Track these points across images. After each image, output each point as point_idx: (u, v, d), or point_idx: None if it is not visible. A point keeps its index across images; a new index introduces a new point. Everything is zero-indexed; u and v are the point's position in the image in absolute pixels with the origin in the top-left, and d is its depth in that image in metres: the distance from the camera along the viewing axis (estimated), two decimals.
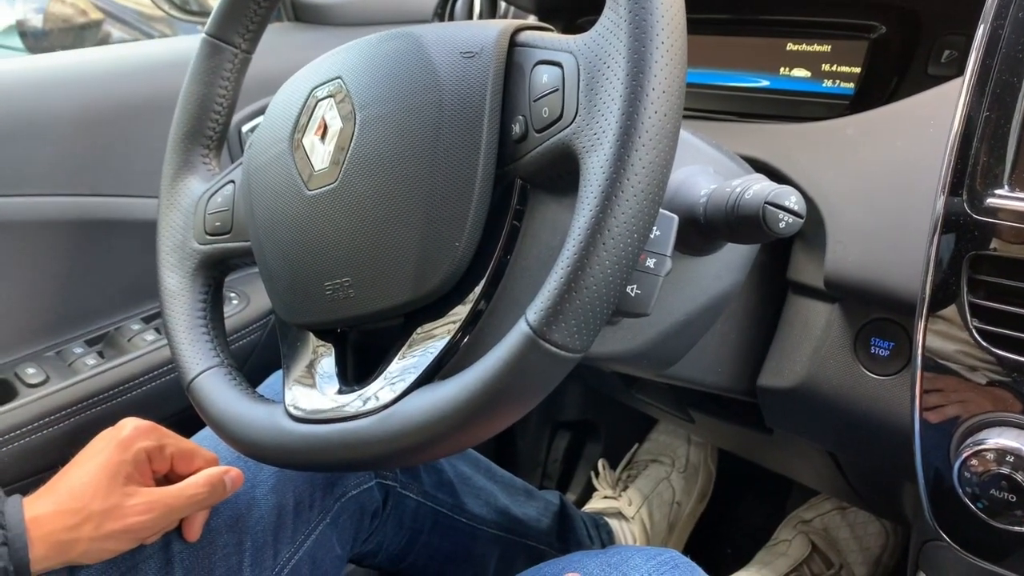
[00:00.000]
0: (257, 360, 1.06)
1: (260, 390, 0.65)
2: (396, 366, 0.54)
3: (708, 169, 0.62)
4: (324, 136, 0.58)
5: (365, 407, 0.53)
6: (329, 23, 1.27)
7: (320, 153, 0.57)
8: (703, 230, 0.58)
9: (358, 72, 0.57)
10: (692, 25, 0.47)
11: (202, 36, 0.70)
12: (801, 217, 0.54)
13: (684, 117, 0.46)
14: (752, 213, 0.53)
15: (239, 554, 0.73)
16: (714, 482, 1.33)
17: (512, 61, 0.52)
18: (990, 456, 0.54)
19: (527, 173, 0.52)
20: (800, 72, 0.77)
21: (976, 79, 0.55)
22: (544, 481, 1.44)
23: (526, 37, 0.53)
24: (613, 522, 1.20)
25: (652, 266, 0.52)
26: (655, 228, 0.52)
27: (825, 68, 0.75)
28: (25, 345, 0.96)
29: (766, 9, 0.79)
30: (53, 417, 0.89)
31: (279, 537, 0.76)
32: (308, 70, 0.62)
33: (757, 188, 0.54)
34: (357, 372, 0.60)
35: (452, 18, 1.08)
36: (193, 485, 0.67)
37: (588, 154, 0.46)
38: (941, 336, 0.57)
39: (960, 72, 0.56)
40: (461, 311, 0.53)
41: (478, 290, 0.53)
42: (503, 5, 1.06)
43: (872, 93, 0.73)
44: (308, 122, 0.59)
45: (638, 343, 0.64)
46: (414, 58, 0.55)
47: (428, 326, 0.55)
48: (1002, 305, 0.54)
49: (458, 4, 1.07)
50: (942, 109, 0.60)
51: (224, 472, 0.69)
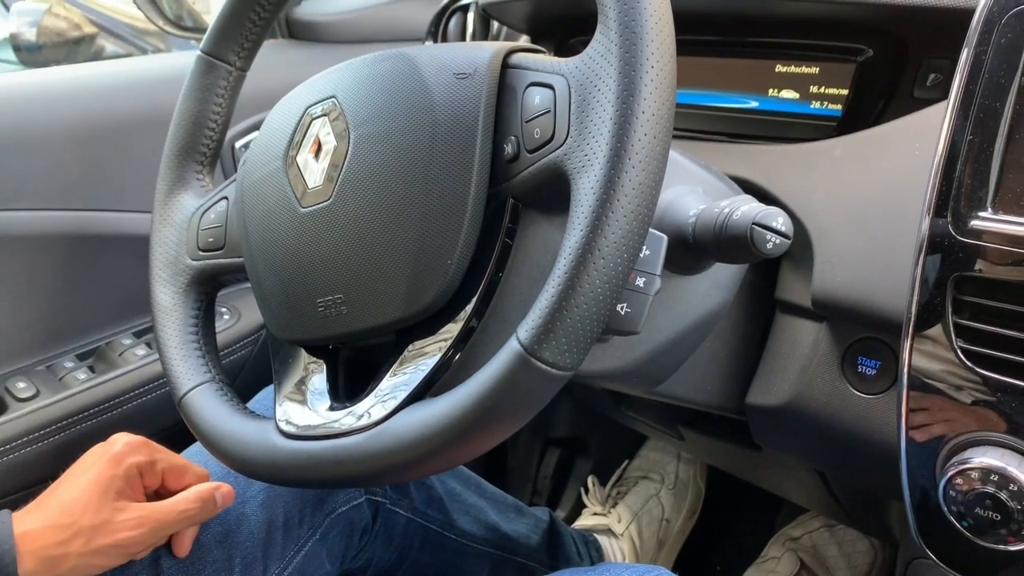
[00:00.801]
0: (248, 375, 1.06)
1: (250, 405, 0.65)
2: (387, 383, 0.54)
3: (697, 189, 0.63)
4: (318, 154, 0.58)
5: (356, 424, 0.53)
6: (323, 41, 1.28)
7: (314, 171, 0.58)
8: (692, 250, 0.58)
9: (352, 91, 0.58)
10: (682, 47, 0.48)
11: (197, 53, 0.71)
12: (788, 238, 0.54)
13: (674, 137, 0.46)
14: (740, 233, 0.54)
15: (228, 570, 0.73)
16: (703, 499, 1.33)
17: (505, 83, 0.53)
18: (975, 475, 0.55)
19: (519, 193, 0.53)
20: (788, 94, 0.78)
21: (960, 103, 0.55)
22: (534, 497, 1.44)
23: (518, 59, 0.53)
24: (602, 539, 1.19)
25: (642, 285, 0.53)
26: (645, 247, 0.52)
27: (813, 90, 0.76)
28: (16, 359, 0.95)
29: (755, 31, 0.80)
30: (43, 432, 0.89)
31: (268, 553, 0.76)
32: (303, 88, 0.63)
33: (745, 209, 0.55)
34: (348, 389, 0.60)
35: (445, 38, 1.09)
36: (184, 501, 0.67)
37: (579, 175, 0.46)
38: (927, 356, 0.57)
39: (945, 96, 0.57)
40: (453, 328, 0.54)
41: (469, 308, 0.53)
42: (496, 26, 1.07)
43: (859, 115, 0.73)
44: (302, 140, 0.60)
45: (628, 361, 0.65)
46: (408, 78, 0.55)
47: (420, 343, 0.55)
48: (986, 326, 0.55)
49: (451, 24, 1.08)
50: (927, 132, 0.61)
51: (215, 488, 0.69)
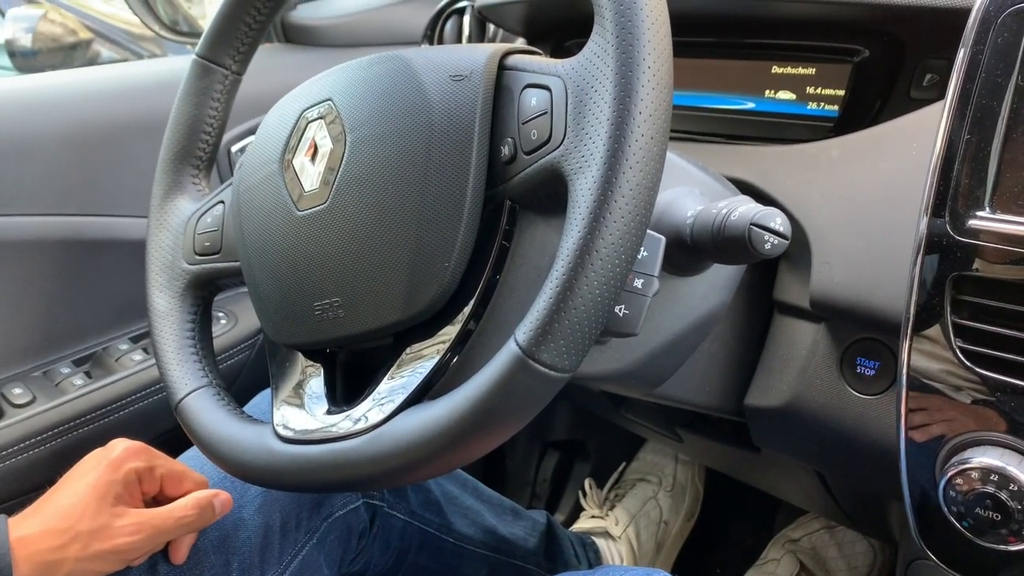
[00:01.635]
0: (244, 380, 1.06)
1: (247, 410, 0.65)
2: (385, 386, 0.54)
3: (695, 191, 0.63)
4: (314, 157, 0.58)
5: (354, 427, 0.52)
6: (318, 44, 1.28)
7: (310, 174, 0.58)
8: (690, 251, 0.58)
9: (348, 94, 0.58)
10: (678, 48, 0.48)
11: (193, 57, 0.71)
12: (786, 238, 0.54)
13: (671, 139, 0.46)
14: (738, 234, 0.54)
15: (226, 574, 0.73)
16: (702, 501, 1.33)
17: (501, 84, 0.53)
18: (975, 475, 0.55)
19: (516, 194, 0.52)
20: (785, 95, 0.78)
21: (957, 103, 0.55)
22: (533, 501, 1.44)
23: (515, 61, 0.53)
24: (600, 541, 1.19)
25: (640, 286, 0.53)
26: (643, 249, 0.52)
27: (810, 91, 0.76)
28: (12, 365, 0.95)
29: (751, 33, 0.80)
30: (39, 438, 0.88)
31: (266, 557, 0.76)
32: (298, 92, 0.63)
33: (743, 209, 0.55)
34: (346, 392, 0.60)
35: (441, 41, 1.09)
36: (182, 508, 0.66)
37: (576, 176, 0.46)
38: (926, 356, 0.57)
39: (942, 95, 0.57)
40: (450, 331, 0.53)
41: (467, 310, 0.53)
42: (492, 28, 1.07)
43: (856, 116, 0.73)
44: (298, 143, 0.59)
45: (626, 363, 0.65)
46: (404, 81, 0.55)
47: (417, 346, 0.55)
48: (985, 325, 0.55)
49: (447, 27, 1.08)
50: (924, 132, 0.61)
51: (213, 495, 0.68)
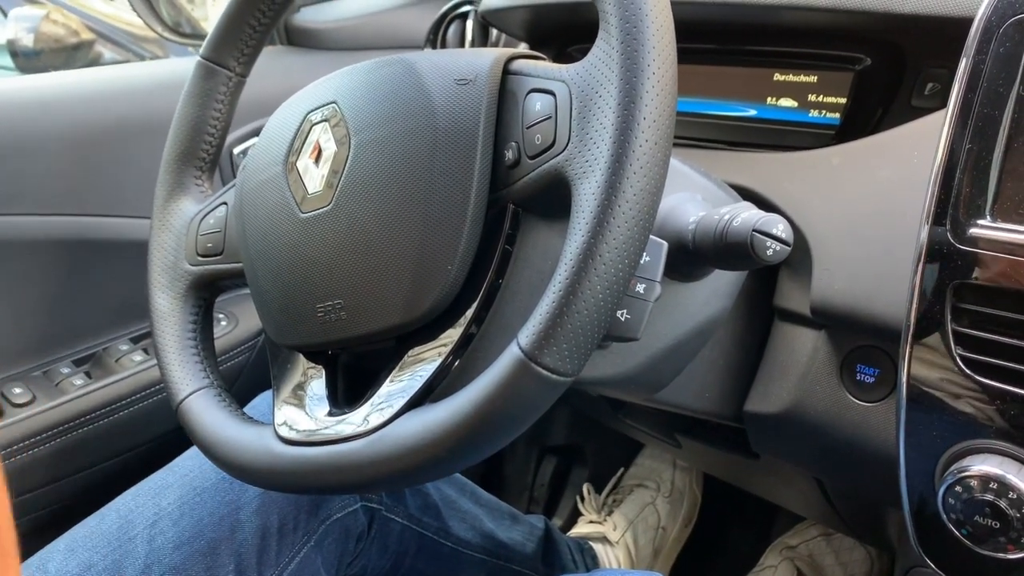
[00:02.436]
0: (245, 381, 1.06)
1: (248, 411, 0.65)
2: (387, 389, 0.54)
3: (697, 197, 0.63)
4: (318, 159, 0.58)
5: (355, 430, 0.52)
6: (322, 47, 1.28)
7: (314, 176, 0.58)
8: (692, 256, 0.58)
9: (353, 97, 0.58)
10: (682, 55, 0.48)
11: (197, 59, 0.71)
12: (788, 245, 0.54)
13: (674, 145, 0.46)
14: (740, 240, 0.54)
15: None
16: (699, 507, 1.33)
17: (505, 89, 0.53)
18: (974, 483, 0.55)
19: (519, 198, 0.52)
20: (787, 102, 0.78)
21: (958, 112, 0.55)
22: (531, 505, 1.44)
23: (519, 66, 0.53)
24: (598, 547, 1.19)
25: (642, 291, 0.53)
26: (645, 254, 0.52)
27: (811, 98, 0.76)
28: (12, 364, 0.95)
29: (754, 40, 0.80)
30: (39, 437, 0.88)
31: (263, 559, 0.76)
32: (303, 94, 0.63)
33: (745, 216, 0.55)
34: (347, 394, 0.60)
35: (444, 45, 1.09)
36: None
37: (580, 181, 0.46)
38: (926, 364, 0.57)
39: (943, 104, 0.57)
40: (452, 334, 0.53)
41: (470, 313, 0.53)
42: (495, 33, 1.07)
43: (857, 124, 0.74)
44: (302, 145, 0.60)
45: (627, 367, 0.65)
46: (409, 84, 0.55)
47: (419, 349, 0.55)
48: (985, 333, 0.55)
49: (450, 31, 1.08)
50: (926, 140, 0.61)
51: None
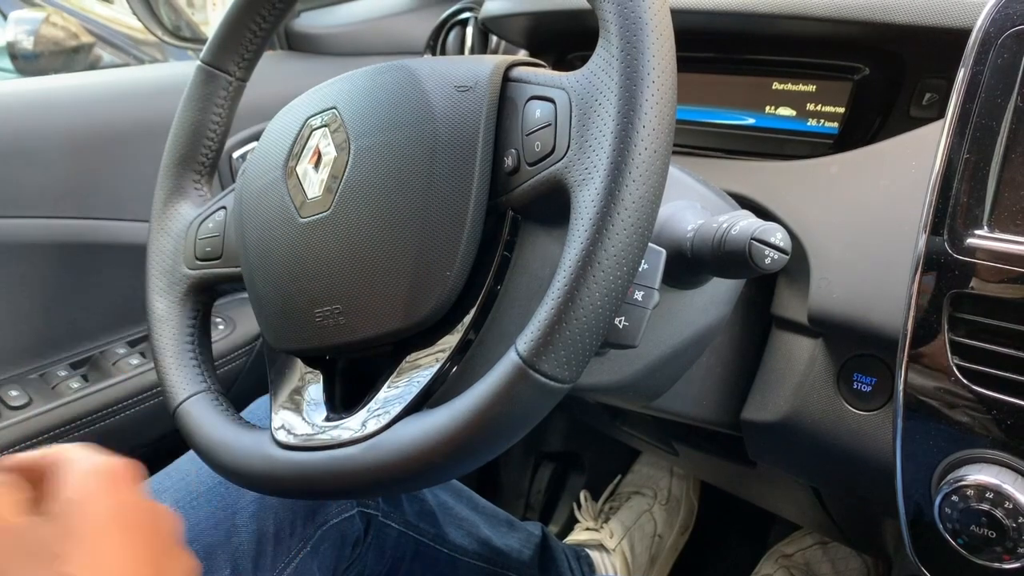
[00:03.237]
0: (242, 386, 1.06)
1: (245, 416, 0.65)
2: (384, 394, 0.54)
3: (695, 204, 0.63)
4: (318, 165, 0.58)
5: (352, 435, 0.52)
6: (322, 53, 1.28)
7: (313, 181, 0.58)
8: (690, 264, 0.58)
9: (353, 102, 0.58)
10: (681, 64, 0.48)
11: (197, 63, 0.71)
12: (787, 253, 0.54)
13: (673, 153, 0.47)
14: (738, 248, 0.54)
15: None
16: (696, 515, 1.33)
17: (505, 96, 0.53)
18: (970, 492, 0.55)
19: (519, 205, 0.53)
20: (785, 111, 0.78)
21: (956, 122, 0.56)
22: (527, 512, 1.43)
23: (519, 73, 0.54)
24: (594, 554, 1.19)
25: (640, 299, 0.53)
26: (643, 261, 0.52)
27: (810, 107, 0.77)
28: (8, 367, 0.95)
29: (753, 49, 0.80)
30: (35, 440, 0.88)
31: (259, 565, 0.75)
32: (303, 99, 0.63)
33: (744, 224, 0.55)
34: (345, 400, 0.60)
35: (444, 51, 1.09)
36: None
37: (579, 188, 0.46)
38: (923, 373, 0.57)
39: (941, 114, 0.57)
40: (450, 340, 0.53)
41: (468, 320, 0.53)
42: (494, 40, 1.08)
43: (855, 133, 0.74)
44: (302, 150, 0.60)
45: (625, 375, 0.65)
46: (409, 90, 0.55)
47: (417, 355, 0.55)
48: (982, 343, 0.55)
49: (450, 38, 1.08)
50: (923, 150, 0.61)
51: None
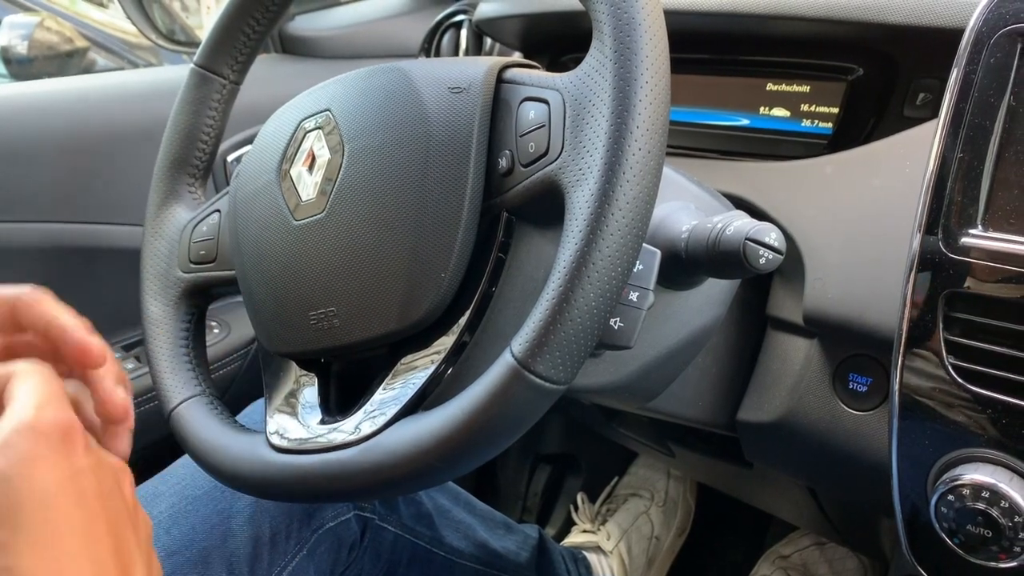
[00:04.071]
0: (237, 389, 1.06)
1: (240, 419, 0.65)
2: (379, 397, 0.54)
3: (690, 205, 0.63)
4: (312, 167, 0.58)
5: (348, 438, 0.52)
6: (316, 55, 1.28)
7: (307, 184, 0.58)
8: (685, 265, 0.58)
9: (347, 104, 0.58)
10: (675, 65, 0.48)
11: (191, 66, 0.71)
12: (781, 253, 0.54)
13: (667, 154, 0.47)
14: (733, 249, 0.54)
15: None
16: (693, 517, 1.33)
17: (499, 97, 0.53)
18: (966, 492, 0.55)
19: (513, 206, 0.52)
20: (779, 112, 0.78)
21: (950, 122, 0.56)
22: (524, 514, 1.43)
23: (513, 74, 0.54)
24: (592, 556, 1.19)
25: (635, 300, 0.53)
26: (638, 262, 0.52)
27: (804, 108, 0.77)
28: None
29: (747, 50, 0.80)
30: None
31: (255, 568, 0.75)
32: (296, 102, 0.63)
33: (738, 224, 0.55)
34: (340, 402, 0.60)
35: (439, 54, 1.09)
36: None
37: (573, 189, 0.46)
38: (918, 372, 0.57)
39: (935, 114, 0.57)
40: (445, 342, 0.53)
41: (463, 321, 0.53)
42: (488, 42, 1.08)
43: (849, 133, 0.74)
44: (296, 153, 0.60)
45: (620, 376, 0.65)
46: (403, 92, 0.55)
47: (412, 357, 0.55)
48: (977, 342, 0.55)
49: (444, 40, 1.08)
50: (917, 150, 0.61)
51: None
